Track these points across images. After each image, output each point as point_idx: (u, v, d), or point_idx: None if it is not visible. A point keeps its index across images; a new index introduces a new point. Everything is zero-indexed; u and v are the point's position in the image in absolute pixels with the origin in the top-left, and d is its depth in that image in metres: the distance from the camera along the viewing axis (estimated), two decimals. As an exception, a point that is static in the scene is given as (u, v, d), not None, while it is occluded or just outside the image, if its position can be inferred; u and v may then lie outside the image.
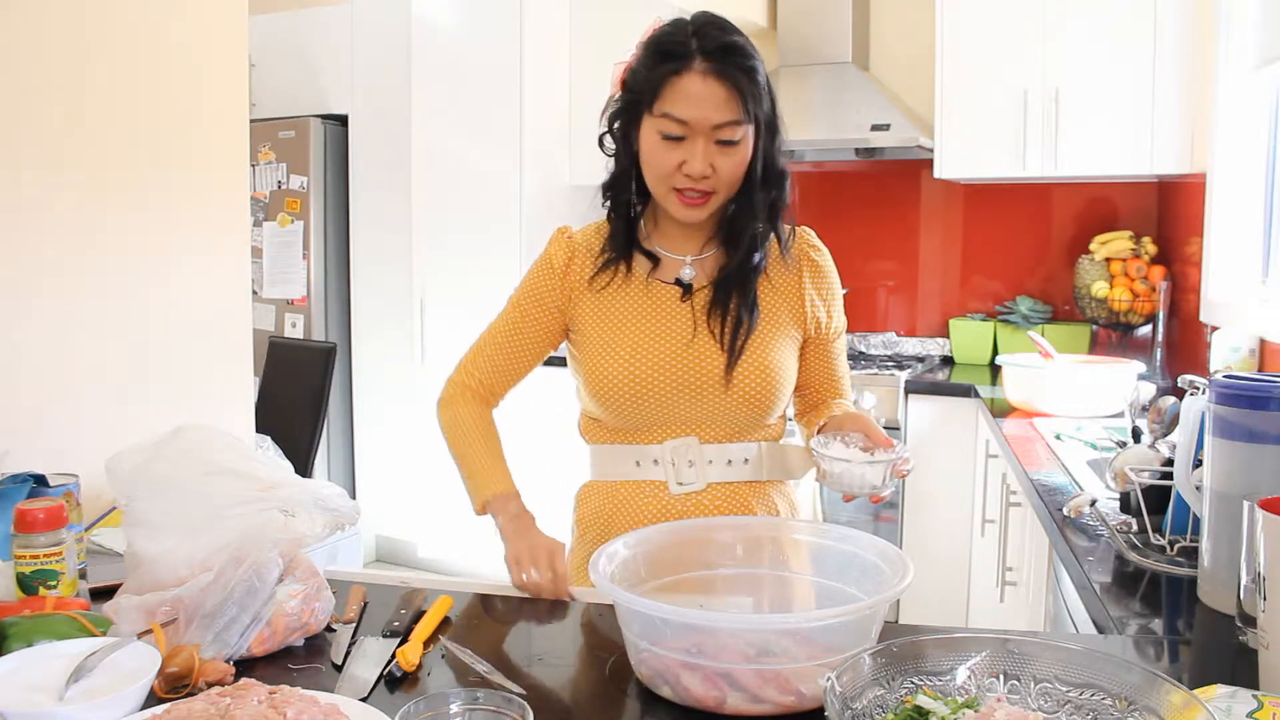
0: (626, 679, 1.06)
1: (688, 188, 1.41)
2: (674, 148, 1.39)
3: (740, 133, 1.39)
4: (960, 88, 3.59)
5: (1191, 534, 1.47)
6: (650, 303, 1.52)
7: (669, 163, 1.40)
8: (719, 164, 1.40)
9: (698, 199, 1.43)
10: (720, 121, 1.37)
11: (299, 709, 0.90)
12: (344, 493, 1.24)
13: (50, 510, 1.28)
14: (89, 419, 2.00)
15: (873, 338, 4.25)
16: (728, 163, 1.40)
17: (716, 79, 1.36)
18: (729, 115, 1.37)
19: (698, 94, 1.37)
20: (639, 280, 1.53)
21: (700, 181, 1.40)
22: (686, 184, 1.41)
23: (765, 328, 1.51)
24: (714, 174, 1.40)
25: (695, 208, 1.44)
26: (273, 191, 4.58)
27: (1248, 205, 2.84)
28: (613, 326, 1.51)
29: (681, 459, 1.50)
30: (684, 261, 1.53)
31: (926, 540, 3.51)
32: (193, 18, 2.21)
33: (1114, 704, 0.84)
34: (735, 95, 1.37)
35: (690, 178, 1.40)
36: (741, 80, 1.37)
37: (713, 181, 1.41)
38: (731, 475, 1.51)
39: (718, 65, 1.36)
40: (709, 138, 1.38)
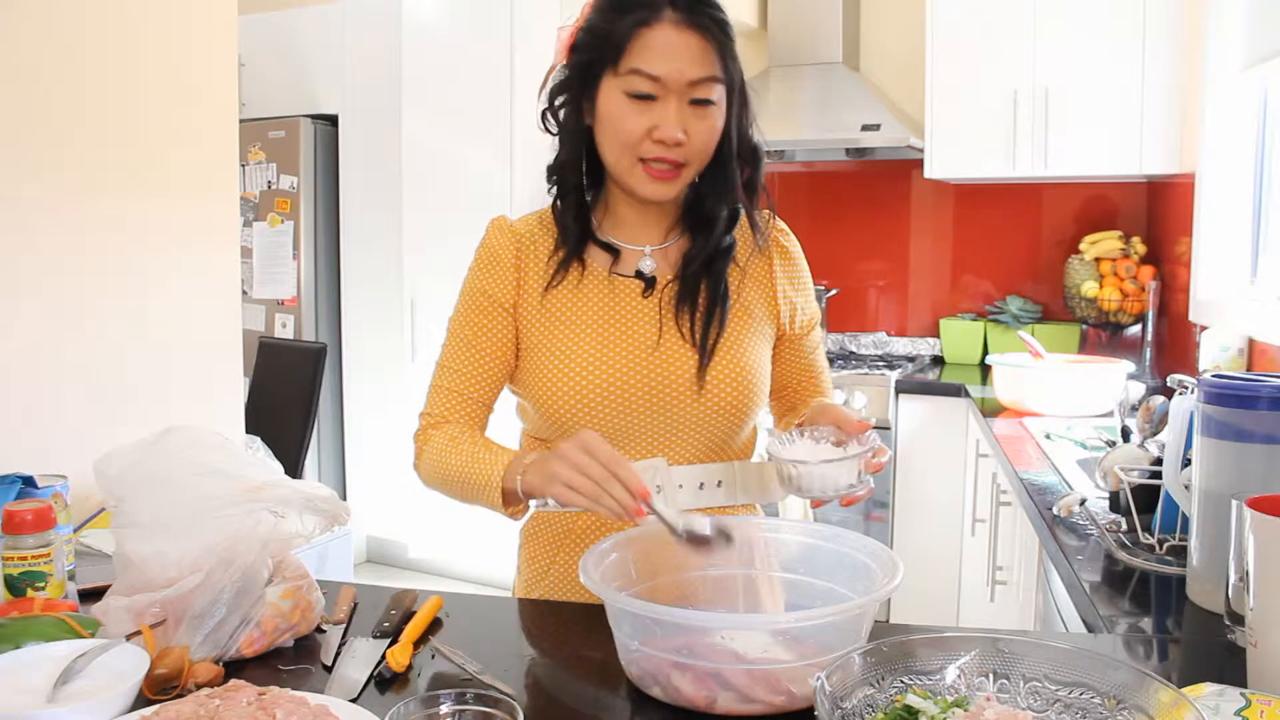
0: (617, 679, 1.06)
1: (657, 157, 1.24)
2: (643, 110, 1.22)
3: (716, 92, 1.23)
4: (950, 88, 3.60)
5: (1180, 533, 1.47)
6: (608, 301, 1.33)
7: (637, 128, 1.22)
8: (693, 129, 1.23)
9: (668, 172, 1.25)
10: (696, 77, 1.21)
11: (288, 710, 0.90)
12: (334, 493, 1.23)
13: (38, 511, 1.28)
14: (78, 420, 1.99)
15: (863, 337, 4.26)
16: (701, 128, 1.24)
17: (691, 30, 1.21)
18: (705, 70, 1.21)
19: (671, 46, 1.20)
20: (594, 276, 1.34)
21: (672, 150, 1.23)
22: (656, 152, 1.23)
23: (739, 322, 1.35)
24: (686, 141, 1.23)
25: (664, 182, 1.26)
26: (263, 191, 4.56)
27: (1236, 205, 2.86)
28: (565, 332, 1.32)
29: (649, 483, 1.24)
30: (643, 252, 1.35)
31: (917, 540, 3.51)
32: (182, 17, 2.20)
33: (1103, 703, 0.84)
34: (712, 48, 1.21)
35: (663, 144, 1.22)
36: (717, 33, 1.22)
37: (685, 151, 1.24)
38: (704, 501, 1.35)
39: (692, 15, 1.21)
40: (682, 97, 1.22)
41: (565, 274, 1.34)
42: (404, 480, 4.35)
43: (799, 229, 1.47)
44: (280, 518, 1.19)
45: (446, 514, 4.29)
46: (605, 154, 1.29)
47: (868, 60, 4.14)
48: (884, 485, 3.56)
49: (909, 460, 3.55)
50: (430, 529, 4.37)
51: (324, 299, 4.60)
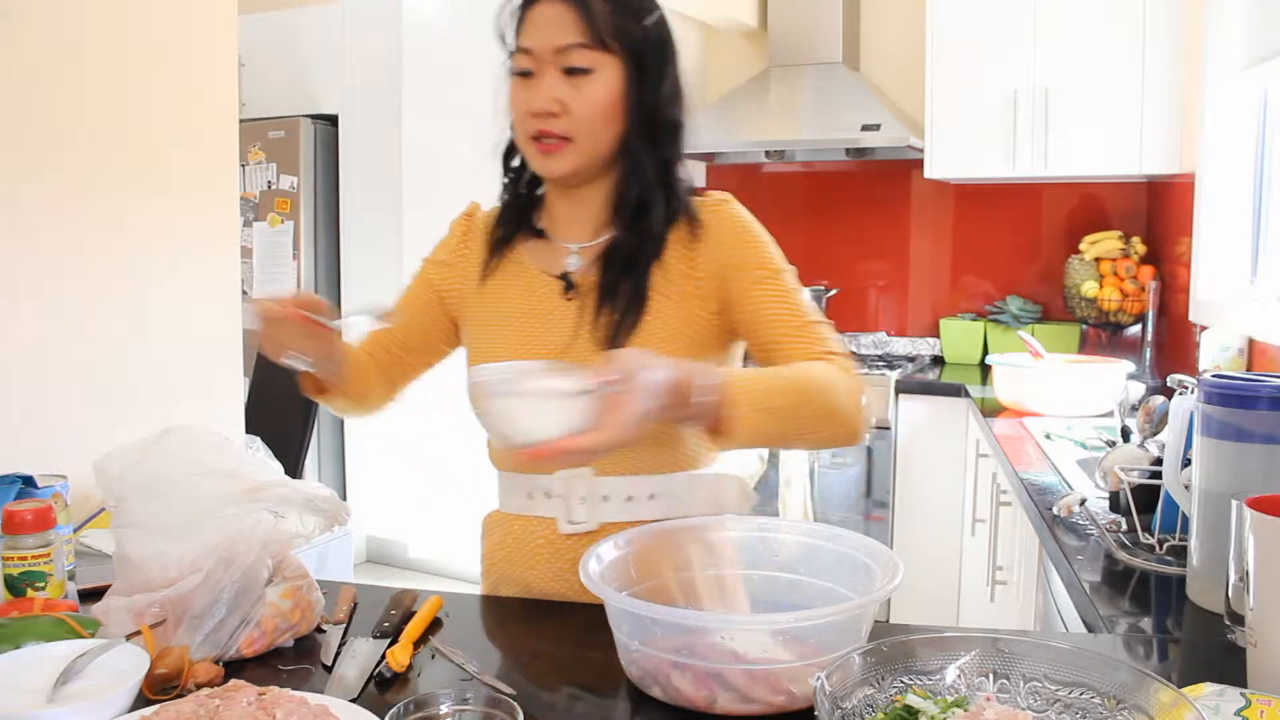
0: (617, 679, 1.06)
1: (538, 131, 1.22)
2: (525, 87, 1.23)
3: (591, 59, 1.21)
4: (950, 88, 3.60)
5: (1180, 533, 1.47)
6: (531, 300, 1.32)
7: (519, 106, 1.24)
8: (570, 99, 1.21)
9: (552, 145, 1.23)
10: (563, 44, 1.20)
11: (288, 710, 0.90)
12: (334, 493, 1.23)
13: (38, 511, 1.28)
14: (78, 420, 1.99)
15: (863, 337, 4.26)
16: (579, 97, 1.21)
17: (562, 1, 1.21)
18: (572, 36, 1.20)
19: (542, 17, 1.21)
20: (520, 270, 1.34)
21: (549, 121, 1.21)
22: (536, 125, 1.22)
23: (659, 325, 1.25)
24: (565, 111, 1.21)
25: (550, 156, 1.24)
26: (263, 191, 4.56)
27: (1236, 205, 2.86)
28: (490, 329, 1.34)
29: (574, 493, 1.28)
30: (570, 249, 1.32)
31: (917, 539, 3.51)
32: (182, 17, 2.20)
33: (1103, 702, 0.84)
34: (580, 13, 1.20)
35: (538, 116, 1.21)
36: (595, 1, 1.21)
37: (565, 122, 1.22)
38: (633, 513, 1.28)
39: None
40: (555, 67, 1.21)
41: (499, 264, 1.36)
42: (404, 480, 4.37)
43: (799, 229, 1.45)
44: (280, 518, 1.19)
45: (446, 514, 4.29)
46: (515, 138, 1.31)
47: (868, 60, 4.14)
48: (884, 485, 3.56)
49: (909, 460, 3.55)
50: (430, 529, 4.37)
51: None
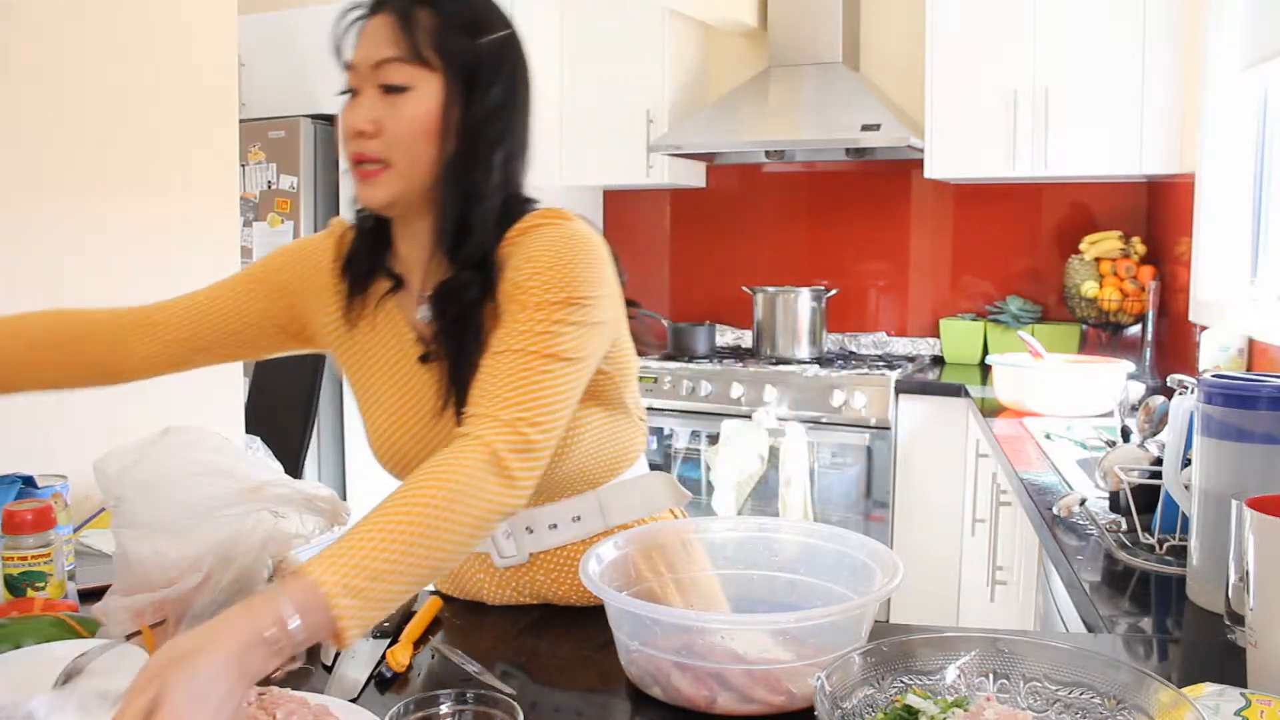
0: (617, 679, 1.06)
1: (354, 154, 1.12)
2: (348, 108, 1.14)
3: (409, 76, 1.10)
4: (950, 88, 3.60)
5: (1180, 533, 1.47)
6: (398, 362, 1.22)
7: (342, 129, 1.14)
8: (386, 119, 1.11)
9: (368, 170, 1.12)
10: (380, 59, 1.11)
11: (288, 710, 0.90)
12: (334, 493, 1.23)
13: (38, 511, 1.28)
14: (77, 419, 1.99)
15: (863, 337, 4.26)
16: (394, 116, 1.10)
17: (381, 12, 1.12)
18: (389, 50, 1.10)
19: (365, 33, 1.13)
20: (391, 322, 1.23)
21: (361, 143, 1.11)
22: (352, 148, 1.12)
23: None
24: (380, 132, 1.11)
25: (366, 182, 1.13)
26: (262, 192, 4.56)
27: (1236, 205, 2.86)
28: (367, 389, 1.25)
29: (498, 530, 1.25)
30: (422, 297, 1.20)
31: (917, 539, 3.51)
32: (181, 17, 2.20)
33: (1103, 702, 0.84)
34: (399, 27, 1.10)
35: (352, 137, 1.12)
36: (418, 14, 1.11)
37: (380, 144, 1.11)
38: (561, 539, 1.26)
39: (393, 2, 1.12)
40: (374, 82, 1.12)
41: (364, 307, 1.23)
42: (404, 480, 4.37)
43: (799, 229, 1.44)
44: (280, 518, 1.19)
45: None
46: None
47: (868, 60, 4.14)
48: (884, 485, 3.56)
49: (909, 460, 3.55)
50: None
51: None
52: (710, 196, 4.49)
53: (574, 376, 1.07)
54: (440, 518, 0.93)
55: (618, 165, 4.22)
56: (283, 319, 1.30)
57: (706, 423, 3.74)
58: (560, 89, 4.30)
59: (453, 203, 1.14)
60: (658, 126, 4.10)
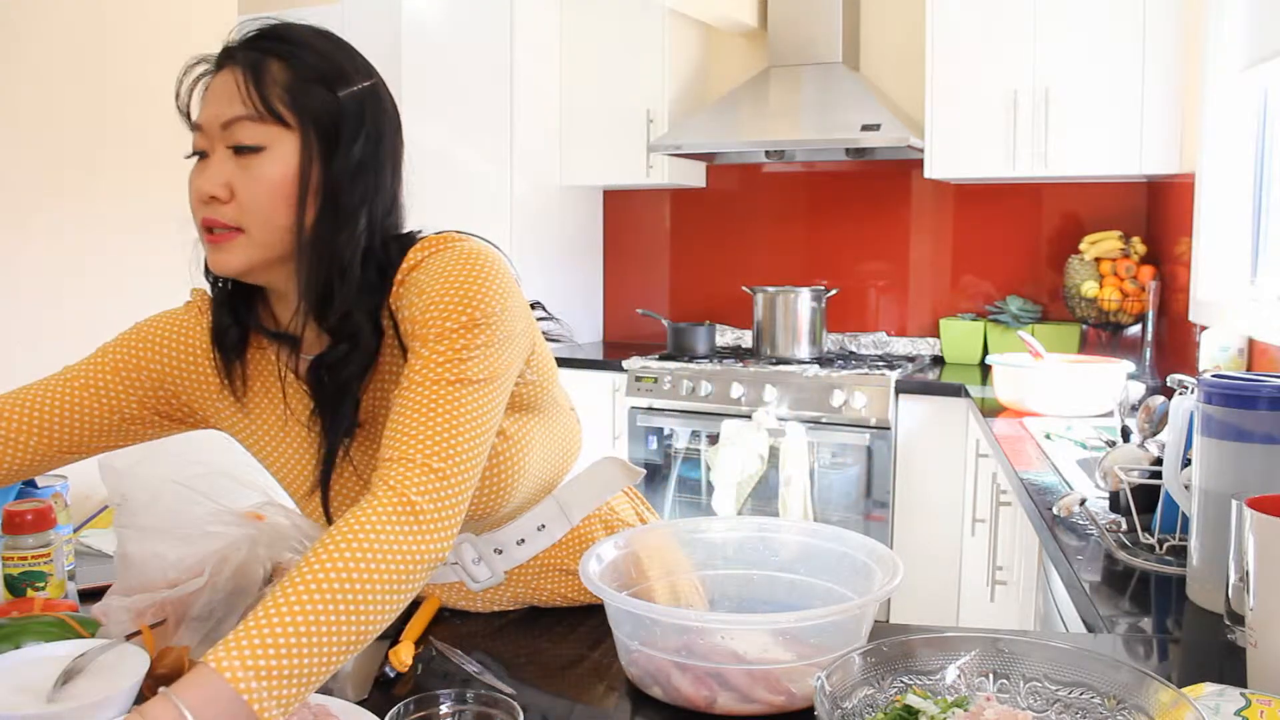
0: (617, 679, 1.06)
1: (205, 220, 1.04)
2: (197, 171, 1.05)
3: (260, 134, 1.02)
4: (950, 88, 3.60)
5: (1180, 533, 1.47)
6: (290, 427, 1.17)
7: (192, 194, 1.05)
8: (239, 183, 1.03)
9: (218, 235, 1.04)
10: (229, 118, 1.02)
11: (288, 710, 0.90)
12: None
13: (38, 511, 1.28)
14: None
15: (863, 337, 4.26)
16: (247, 179, 1.02)
17: (232, 68, 1.04)
18: (239, 109, 1.02)
19: (212, 90, 1.05)
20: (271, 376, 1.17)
21: (215, 209, 1.03)
22: (203, 214, 1.04)
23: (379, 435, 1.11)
24: (232, 197, 1.03)
25: (218, 248, 1.05)
26: (263, 191, 4.56)
27: (1236, 205, 2.86)
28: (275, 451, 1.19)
29: (465, 558, 1.24)
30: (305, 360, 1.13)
31: (917, 539, 3.51)
32: (182, 17, 2.20)
33: (1103, 702, 0.84)
34: (250, 82, 1.02)
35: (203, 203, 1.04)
36: (268, 65, 1.04)
37: (233, 211, 1.03)
38: (533, 549, 1.26)
39: (238, 54, 1.05)
40: (223, 143, 1.03)
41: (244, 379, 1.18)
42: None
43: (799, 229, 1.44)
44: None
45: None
46: None
47: (868, 60, 4.14)
48: (884, 485, 3.56)
49: (909, 460, 3.55)
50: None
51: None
52: (710, 196, 4.49)
53: (487, 399, 1.01)
54: (353, 580, 0.86)
55: (618, 165, 4.22)
56: (165, 407, 1.21)
57: (706, 423, 3.74)
58: (560, 89, 4.31)
59: (313, 272, 1.06)
60: (658, 126, 4.11)
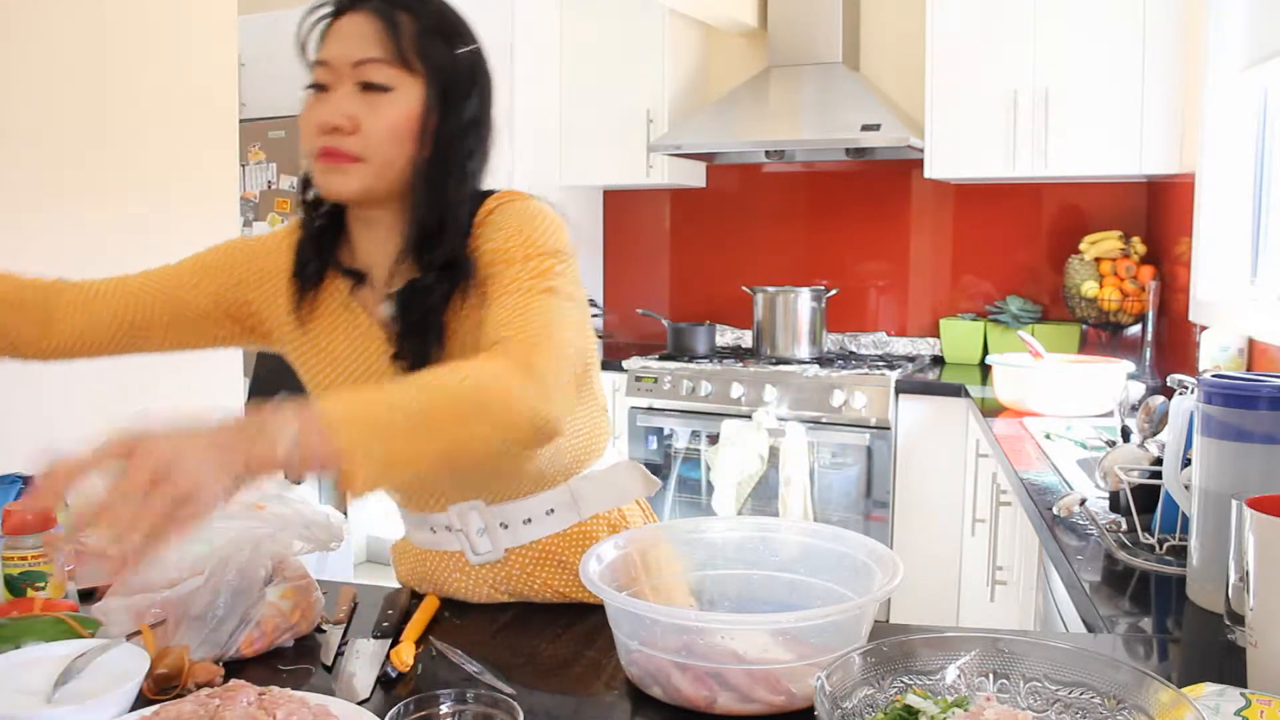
0: (616, 679, 1.06)
1: (323, 148, 1.12)
2: (319, 101, 1.12)
3: (390, 76, 1.11)
4: (950, 88, 3.60)
5: (1180, 533, 1.47)
6: (364, 357, 1.22)
7: (310, 121, 1.12)
8: (365, 117, 1.11)
9: (337, 158, 1.12)
10: (361, 57, 1.10)
11: (288, 710, 0.90)
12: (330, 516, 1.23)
13: (38, 511, 1.28)
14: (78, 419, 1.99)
15: (863, 337, 4.26)
16: (374, 116, 1.11)
17: (362, 11, 1.12)
18: (371, 50, 1.11)
19: (341, 30, 1.12)
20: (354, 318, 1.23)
21: (336, 137, 1.11)
22: (323, 142, 1.12)
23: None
24: (357, 129, 1.11)
25: (334, 172, 1.12)
26: (263, 191, 4.56)
27: (1236, 205, 2.86)
28: (326, 381, 1.24)
29: (470, 526, 1.27)
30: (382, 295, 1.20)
31: (917, 539, 3.52)
32: (182, 17, 2.20)
33: (1103, 702, 0.84)
34: (384, 28, 1.11)
35: (326, 132, 1.11)
36: (400, 17, 1.12)
37: (357, 142, 1.11)
38: (536, 533, 1.28)
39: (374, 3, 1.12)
40: (351, 81, 1.11)
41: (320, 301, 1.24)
42: (404, 480, 4.37)
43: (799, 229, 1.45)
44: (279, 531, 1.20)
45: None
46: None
47: (868, 60, 4.14)
48: (884, 485, 3.56)
49: (909, 460, 3.55)
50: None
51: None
52: (710, 196, 4.49)
53: (575, 312, 1.10)
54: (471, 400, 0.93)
55: (618, 165, 4.22)
56: (235, 308, 1.28)
57: (706, 423, 3.74)
58: (560, 89, 4.30)
59: (427, 208, 1.15)
60: (658, 126, 4.10)
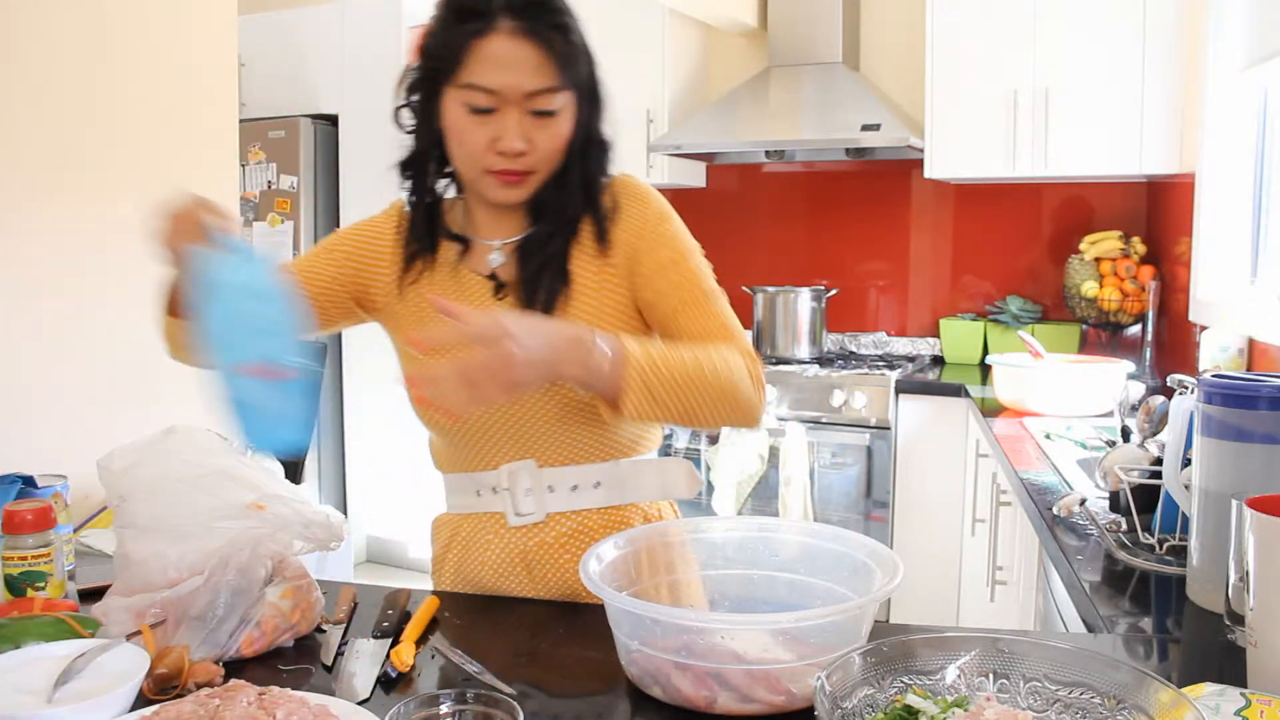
0: (617, 679, 1.06)
1: (502, 169, 1.22)
2: (484, 122, 1.20)
3: (558, 101, 1.21)
4: (950, 88, 3.60)
5: (1180, 533, 1.47)
6: (463, 300, 1.30)
7: (479, 140, 1.21)
8: (537, 138, 1.21)
9: (515, 178, 1.24)
10: (534, 89, 1.19)
11: (288, 710, 0.90)
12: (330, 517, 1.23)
13: (38, 511, 1.28)
14: (78, 419, 1.99)
15: (863, 337, 4.26)
16: (545, 136, 1.22)
17: (526, 39, 1.17)
18: (543, 82, 1.19)
19: (506, 58, 1.17)
20: (446, 270, 1.33)
21: (516, 160, 1.22)
22: (501, 164, 1.22)
23: (584, 308, 1.29)
24: (532, 150, 1.22)
25: (513, 187, 1.25)
26: (262, 192, 4.56)
27: (1236, 205, 2.86)
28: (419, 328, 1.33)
29: (519, 486, 1.32)
30: (493, 246, 1.33)
31: (917, 539, 3.52)
32: (181, 17, 2.20)
33: (1103, 702, 0.84)
34: (550, 57, 1.18)
35: (505, 155, 1.21)
36: (555, 40, 1.19)
37: (530, 159, 1.22)
38: (579, 502, 1.33)
39: (526, 24, 1.17)
40: (522, 108, 1.20)
41: (419, 270, 1.34)
42: (404, 480, 4.37)
43: (799, 229, 1.47)
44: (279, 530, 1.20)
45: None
46: (455, 160, 1.27)
47: (868, 60, 4.14)
48: (884, 485, 3.56)
49: (909, 460, 3.55)
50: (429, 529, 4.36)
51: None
52: (710, 196, 4.49)
53: None
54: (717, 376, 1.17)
55: (617, 165, 4.20)
56: (359, 293, 1.38)
57: (706, 423, 3.73)
58: (560, 89, 4.30)
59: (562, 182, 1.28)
60: (658, 126, 4.10)
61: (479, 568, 1.37)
